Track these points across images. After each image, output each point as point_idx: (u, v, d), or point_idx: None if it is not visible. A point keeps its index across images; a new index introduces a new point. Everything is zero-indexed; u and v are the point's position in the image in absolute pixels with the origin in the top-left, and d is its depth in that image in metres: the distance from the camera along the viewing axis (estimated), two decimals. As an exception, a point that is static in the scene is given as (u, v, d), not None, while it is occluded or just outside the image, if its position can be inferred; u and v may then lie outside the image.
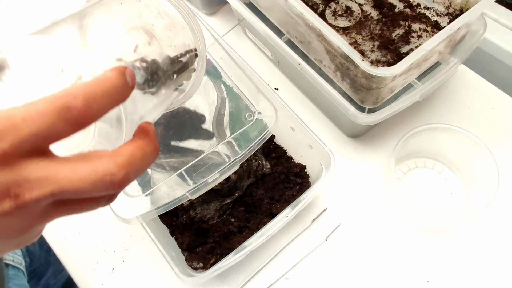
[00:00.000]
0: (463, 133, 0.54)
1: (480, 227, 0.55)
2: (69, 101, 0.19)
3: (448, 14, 0.55)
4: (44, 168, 0.20)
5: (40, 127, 0.19)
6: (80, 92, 0.20)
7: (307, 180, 0.57)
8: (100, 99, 0.20)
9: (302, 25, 0.52)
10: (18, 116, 0.19)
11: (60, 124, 0.20)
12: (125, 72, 0.22)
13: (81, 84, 0.20)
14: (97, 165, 0.21)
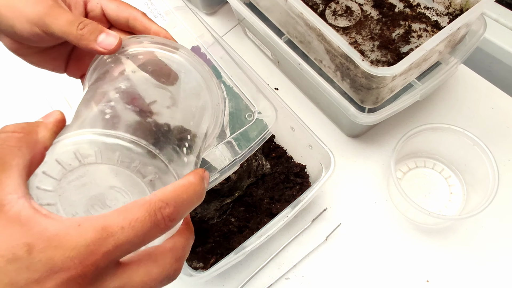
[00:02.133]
0: (463, 133, 0.54)
1: (480, 227, 0.55)
2: (163, 208, 0.21)
3: (448, 14, 0.55)
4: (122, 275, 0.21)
5: (138, 236, 0.20)
6: (171, 199, 0.22)
7: (307, 180, 0.57)
8: (186, 206, 0.23)
9: (302, 25, 0.52)
10: (115, 225, 0.20)
11: (153, 231, 0.21)
12: (203, 176, 0.24)
13: (169, 190, 0.22)
14: (165, 264, 0.23)
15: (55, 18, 0.30)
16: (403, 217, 0.56)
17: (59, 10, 0.31)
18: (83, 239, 0.19)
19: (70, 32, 0.30)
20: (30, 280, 0.18)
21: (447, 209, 0.56)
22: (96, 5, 0.34)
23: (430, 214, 0.49)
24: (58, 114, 0.24)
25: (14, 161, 0.20)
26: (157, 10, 0.60)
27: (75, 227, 0.19)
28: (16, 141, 0.21)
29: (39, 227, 0.19)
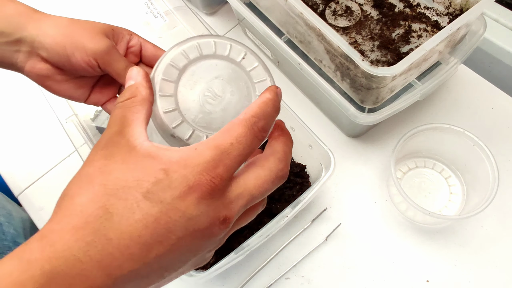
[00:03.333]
0: (463, 133, 0.54)
1: (480, 227, 0.55)
2: (256, 122, 0.25)
3: (448, 14, 0.55)
4: (238, 183, 0.25)
5: (245, 148, 0.24)
6: (260, 114, 0.26)
7: (307, 180, 0.57)
8: (271, 117, 0.27)
9: (302, 25, 0.52)
10: (226, 142, 0.24)
11: (254, 142, 0.25)
12: (277, 92, 0.29)
13: (257, 106, 0.26)
14: (271, 166, 0.26)
15: (115, 61, 0.37)
16: (403, 217, 0.56)
17: (117, 54, 0.37)
18: (202, 158, 0.23)
19: (123, 75, 0.37)
20: (174, 196, 0.22)
21: (447, 209, 0.56)
22: (137, 42, 0.41)
23: (430, 214, 0.49)
24: (140, 70, 0.29)
25: (134, 116, 0.26)
26: (157, 10, 0.60)
27: (193, 150, 0.23)
28: (131, 103, 0.27)
29: (166, 157, 0.23)
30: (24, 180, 0.64)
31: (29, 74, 0.38)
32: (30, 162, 0.65)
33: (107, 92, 0.42)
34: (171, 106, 0.31)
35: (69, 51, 0.36)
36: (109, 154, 0.24)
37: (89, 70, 0.37)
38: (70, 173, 0.67)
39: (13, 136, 0.68)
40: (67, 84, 0.39)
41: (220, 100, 0.33)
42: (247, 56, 0.34)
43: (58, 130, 0.63)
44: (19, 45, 0.36)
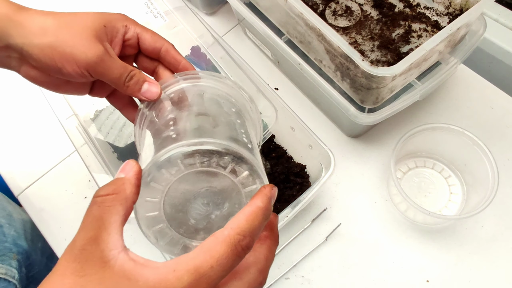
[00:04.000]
0: (462, 132, 0.54)
1: (480, 227, 0.55)
2: (241, 241, 0.23)
3: (448, 14, 0.55)
4: None
5: (225, 269, 0.23)
6: (246, 231, 0.24)
7: (307, 180, 0.57)
8: (258, 231, 0.25)
9: (302, 25, 0.52)
10: (205, 265, 0.22)
11: (236, 261, 0.23)
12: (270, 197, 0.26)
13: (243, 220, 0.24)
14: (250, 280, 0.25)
15: (107, 70, 0.34)
16: (403, 217, 0.56)
17: (110, 61, 0.34)
18: (181, 283, 0.21)
19: (118, 84, 0.35)
20: None
21: (447, 209, 0.56)
22: (133, 34, 0.37)
23: (430, 214, 0.49)
24: (135, 166, 0.27)
25: (112, 219, 0.23)
26: (157, 10, 0.60)
27: (171, 273, 0.22)
28: (111, 201, 0.24)
29: (142, 278, 0.22)
30: (24, 180, 0.64)
31: (25, 77, 0.36)
32: (30, 162, 0.65)
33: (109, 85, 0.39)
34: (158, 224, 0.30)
35: (58, 63, 0.33)
36: (81, 269, 0.21)
37: (83, 79, 0.35)
38: (70, 173, 0.67)
39: (13, 136, 0.68)
40: (65, 86, 0.37)
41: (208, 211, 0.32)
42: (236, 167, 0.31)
43: (58, 130, 0.63)
44: (8, 51, 0.34)
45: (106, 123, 0.56)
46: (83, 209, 0.24)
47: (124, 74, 0.35)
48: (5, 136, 0.68)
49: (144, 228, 0.30)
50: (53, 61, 0.33)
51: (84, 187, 0.62)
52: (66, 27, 0.34)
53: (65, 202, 0.62)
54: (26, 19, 0.33)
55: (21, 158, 0.66)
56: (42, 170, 0.65)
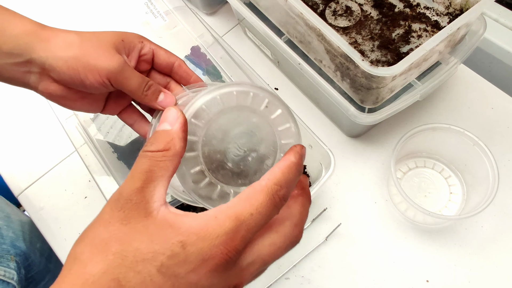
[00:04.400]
0: (463, 133, 0.54)
1: (480, 227, 0.55)
2: (278, 191, 0.24)
3: (448, 14, 0.55)
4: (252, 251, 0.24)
5: (264, 218, 0.23)
6: (283, 181, 0.25)
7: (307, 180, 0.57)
8: (294, 183, 0.26)
9: (302, 25, 0.52)
10: (245, 212, 0.23)
11: (274, 211, 0.24)
12: (301, 154, 0.27)
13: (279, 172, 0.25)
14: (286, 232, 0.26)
15: (128, 79, 0.36)
16: (403, 217, 0.56)
17: (130, 71, 0.37)
18: (223, 229, 0.22)
19: (137, 93, 0.37)
20: (188, 270, 0.22)
21: (447, 209, 0.56)
22: (149, 50, 0.40)
23: (430, 214, 0.49)
24: (180, 116, 0.28)
25: (160, 173, 0.25)
26: (157, 10, 0.60)
27: (213, 220, 0.23)
28: (161, 157, 0.25)
29: (185, 225, 0.22)
30: (24, 180, 0.64)
31: (42, 94, 0.38)
32: (30, 162, 0.65)
33: (122, 102, 0.42)
34: (196, 165, 0.31)
35: (82, 74, 0.35)
36: (126, 218, 0.23)
37: (103, 89, 0.37)
38: (70, 173, 0.67)
39: (13, 136, 0.68)
40: (82, 101, 0.39)
41: (246, 152, 0.33)
42: (270, 103, 0.33)
43: (58, 130, 0.63)
44: (29, 66, 0.36)
45: (106, 122, 0.56)
46: (83, 209, 0.24)
47: (143, 84, 0.37)
48: (5, 136, 0.68)
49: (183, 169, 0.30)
50: (76, 72, 0.35)
51: (84, 187, 0.62)
52: (89, 41, 0.36)
53: (65, 202, 0.62)
54: (51, 35, 0.36)
55: (21, 158, 0.66)
56: (42, 170, 0.65)
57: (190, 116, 0.31)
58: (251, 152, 0.33)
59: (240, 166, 0.32)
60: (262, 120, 0.33)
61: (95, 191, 0.40)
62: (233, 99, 0.32)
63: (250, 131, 0.33)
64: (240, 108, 0.33)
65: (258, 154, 0.33)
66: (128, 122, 0.43)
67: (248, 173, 0.33)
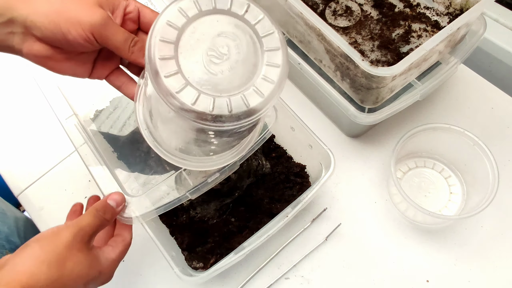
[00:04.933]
0: (463, 133, 0.53)
1: (480, 227, 0.55)
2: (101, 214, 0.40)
3: (448, 14, 0.55)
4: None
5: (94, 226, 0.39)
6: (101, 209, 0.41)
7: (307, 180, 0.57)
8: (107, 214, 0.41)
9: (302, 24, 0.52)
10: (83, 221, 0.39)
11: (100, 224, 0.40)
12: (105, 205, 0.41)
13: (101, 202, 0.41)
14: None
15: (113, 34, 0.35)
16: (403, 217, 0.56)
17: (114, 26, 0.35)
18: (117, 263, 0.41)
19: (123, 48, 0.36)
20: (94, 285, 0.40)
21: (447, 209, 0.56)
22: (134, 8, 0.39)
23: (430, 214, 0.49)
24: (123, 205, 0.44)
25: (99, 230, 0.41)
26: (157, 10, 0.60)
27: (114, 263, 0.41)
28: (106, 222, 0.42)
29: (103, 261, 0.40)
30: (24, 180, 0.64)
31: (27, 56, 0.36)
32: (30, 162, 0.65)
33: (109, 64, 0.40)
34: (172, 69, 0.29)
35: (64, 29, 0.34)
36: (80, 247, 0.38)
37: (88, 46, 0.35)
38: (69, 173, 0.66)
39: (13, 136, 0.68)
40: (68, 62, 0.38)
41: (226, 58, 0.31)
42: (250, 9, 0.31)
43: (58, 130, 0.63)
44: (11, 26, 0.34)
45: (106, 122, 0.56)
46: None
47: (129, 39, 0.36)
48: (5, 136, 0.68)
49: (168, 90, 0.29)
50: (58, 26, 0.34)
51: (84, 187, 0.62)
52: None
53: (65, 202, 0.61)
54: None
55: (21, 158, 0.66)
56: (42, 170, 0.65)
57: (165, 18, 0.30)
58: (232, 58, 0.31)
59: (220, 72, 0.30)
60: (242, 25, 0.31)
61: (95, 191, 0.40)
62: (210, 2, 0.31)
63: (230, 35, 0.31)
64: (218, 12, 0.31)
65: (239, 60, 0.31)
66: (115, 84, 0.41)
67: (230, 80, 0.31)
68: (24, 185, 0.64)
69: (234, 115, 0.30)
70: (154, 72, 0.29)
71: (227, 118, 0.30)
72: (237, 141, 0.41)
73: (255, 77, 0.32)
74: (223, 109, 0.30)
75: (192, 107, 0.29)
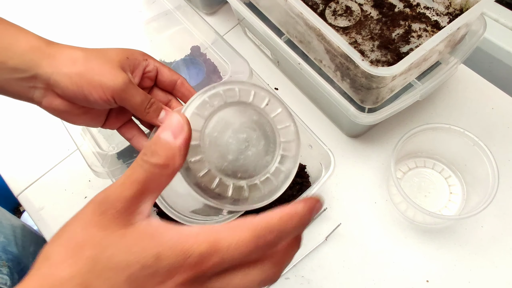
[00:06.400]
0: (463, 133, 0.53)
1: (480, 227, 0.55)
2: (266, 236, 0.23)
3: (448, 14, 0.55)
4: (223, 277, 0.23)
5: (239, 254, 0.22)
6: (275, 228, 0.23)
7: (307, 180, 0.57)
8: (289, 234, 0.24)
9: (302, 24, 0.52)
10: (224, 242, 0.22)
11: (254, 252, 0.23)
12: (313, 208, 0.25)
13: (276, 218, 0.24)
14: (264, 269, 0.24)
15: (132, 96, 0.37)
16: (403, 217, 0.56)
17: (134, 89, 0.37)
18: (198, 250, 0.22)
19: (139, 110, 0.38)
20: (154, 283, 0.22)
21: (447, 209, 0.56)
22: (153, 68, 0.41)
23: (430, 214, 0.49)
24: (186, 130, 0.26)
25: (154, 188, 0.24)
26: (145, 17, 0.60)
27: (193, 237, 0.22)
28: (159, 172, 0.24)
29: (164, 238, 0.22)
30: (24, 180, 0.64)
31: (46, 109, 0.38)
32: (30, 162, 0.65)
33: (122, 117, 0.42)
34: (197, 155, 0.32)
35: (86, 91, 0.35)
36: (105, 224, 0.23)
37: (106, 106, 0.37)
38: (69, 173, 0.66)
39: (13, 136, 0.68)
40: (84, 116, 0.39)
41: (246, 146, 0.34)
42: (270, 102, 0.34)
43: (58, 130, 0.63)
44: (34, 81, 0.36)
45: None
46: (82, 209, 0.24)
47: (146, 102, 0.38)
48: (5, 136, 0.68)
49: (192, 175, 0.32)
50: (80, 88, 0.35)
51: (84, 187, 0.62)
52: (94, 58, 0.36)
53: (65, 202, 0.62)
54: (56, 51, 0.36)
55: (21, 158, 0.66)
56: (42, 170, 0.65)
57: (193, 108, 0.32)
58: (252, 147, 0.34)
59: (240, 159, 0.33)
60: (263, 118, 0.34)
61: (95, 191, 0.40)
62: (235, 95, 0.33)
63: (251, 126, 0.34)
64: (241, 104, 0.34)
65: (258, 149, 0.34)
66: (126, 137, 0.43)
67: (248, 168, 0.34)
68: (24, 185, 0.64)
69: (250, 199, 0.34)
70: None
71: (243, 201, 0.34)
72: None
73: (271, 166, 0.35)
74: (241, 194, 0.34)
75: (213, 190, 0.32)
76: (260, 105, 0.34)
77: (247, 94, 0.34)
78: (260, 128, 0.34)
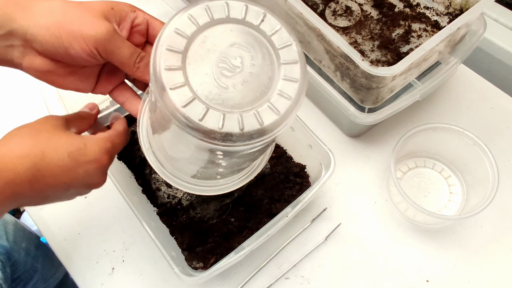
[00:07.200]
0: (463, 132, 0.53)
1: (480, 227, 0.55)
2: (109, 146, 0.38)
3: (448, 14, 0.55)
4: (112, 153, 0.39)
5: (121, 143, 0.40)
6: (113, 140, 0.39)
7: (307, 180, 0.57)
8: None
9: (301, 25, 0.52)
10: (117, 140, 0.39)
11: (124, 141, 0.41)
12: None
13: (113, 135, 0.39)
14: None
15: (118, 48, 0.33)
16: (403, 217, 0.56)
17: (120, 40, 0.33)
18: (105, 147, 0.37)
19: (128, 64, 0.34)
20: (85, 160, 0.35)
21: (447, 209, 0.56)
22: (142, 20, 0.36)
23: (430, 214, 0.49)
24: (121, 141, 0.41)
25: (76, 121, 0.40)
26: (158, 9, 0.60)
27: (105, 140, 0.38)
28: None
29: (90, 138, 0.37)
30: (24, 180, 0.64)
31: (28, 70, 0.35)
32: (30, 162, 0.65)
33: (114, 79, 0.39)
34: (178, 81, 0.27)
35: (66, 42, 0.32)
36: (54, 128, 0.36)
37: (91, 60, 0.34)
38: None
39: (13, 136, 0.68)
40: (71, 77, 0.36)
41: (238, 71, 0.28)
42: (266, 18, 0.29)
43: (58, 130, 0.63)
44: (10, 39, 0.32)
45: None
46: (83, 209, 0.24)
47: (135, 55, 0.34)
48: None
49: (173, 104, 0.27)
50: (59, 39, 0.32)
51: (84, 187, 0.62)
52: (74, 8, 0.33)
53: (65, 202, 0.61)
54: (32, 2, 0.33)
55: (21, 158, 0.66)
56: (42, 170, 0.64)
57: (173, 26, 0.27)
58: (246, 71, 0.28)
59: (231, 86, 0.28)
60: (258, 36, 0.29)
61: (95, 190, 0.40)
62: (223, 11, 0.28)
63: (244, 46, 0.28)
64: (232, 20, 0.29)
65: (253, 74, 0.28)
66: (119, 101, 0.40)
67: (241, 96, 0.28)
68: (24, 185, 0.64)
69: (246, 133, 0.28)
70: (159, 84, 0.27)
71: (238, 137, 0.28)
72: (247, 163, 0.38)
73: (270, 92, 0.29)
74: (234, 127, 0.28)
75: (199, 123, 0.27)
76: (254, 21, 0.29)
77: (238, 9, 0.28)
78: (254, 48, 0.29)
